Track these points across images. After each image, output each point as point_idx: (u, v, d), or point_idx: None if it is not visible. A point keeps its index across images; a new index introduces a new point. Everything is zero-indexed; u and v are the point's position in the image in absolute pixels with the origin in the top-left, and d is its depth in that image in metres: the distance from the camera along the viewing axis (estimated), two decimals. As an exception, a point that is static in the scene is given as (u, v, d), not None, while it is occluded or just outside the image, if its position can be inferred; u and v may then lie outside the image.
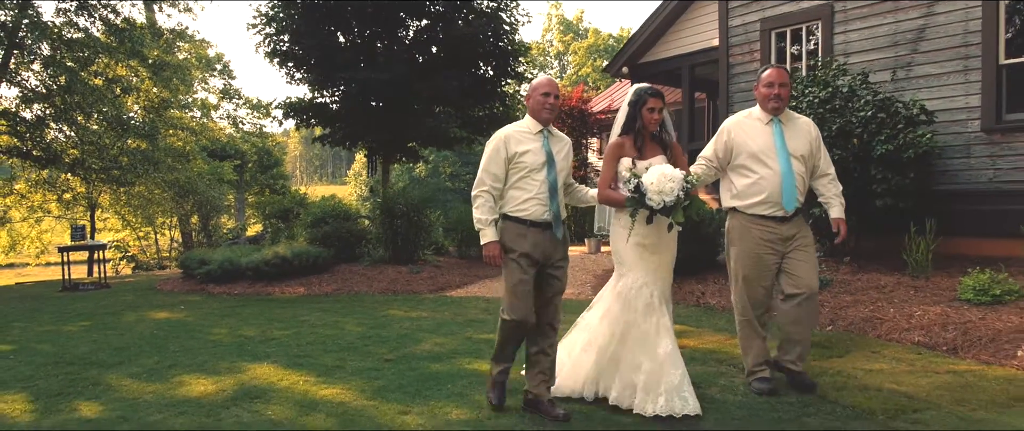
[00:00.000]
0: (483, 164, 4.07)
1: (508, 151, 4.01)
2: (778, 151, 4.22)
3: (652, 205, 3.80)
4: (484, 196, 4.01)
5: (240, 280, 9.99)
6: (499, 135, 4.10)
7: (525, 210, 4.00)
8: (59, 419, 4.27)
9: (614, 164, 4.17)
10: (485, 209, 4.00)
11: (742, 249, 4.34)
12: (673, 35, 12.42)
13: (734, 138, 4.36)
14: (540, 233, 4.01)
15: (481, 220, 4.00)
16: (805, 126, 4.40)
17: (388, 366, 5.30)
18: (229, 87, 28.54)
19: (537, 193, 4.00)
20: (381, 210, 11.11)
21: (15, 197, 18.91)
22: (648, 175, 3.84)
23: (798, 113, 4.52)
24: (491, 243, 3.98)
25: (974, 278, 5.93)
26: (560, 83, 54.27)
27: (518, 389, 4.31)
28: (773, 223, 4.26)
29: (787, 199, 4.21)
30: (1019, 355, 4.71)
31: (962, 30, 8.17)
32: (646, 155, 4.13)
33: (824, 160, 4.43)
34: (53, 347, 6.41)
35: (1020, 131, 7.77)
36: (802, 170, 4.28)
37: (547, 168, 4.02)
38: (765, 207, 4.25)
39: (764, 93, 4.31)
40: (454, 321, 7.08)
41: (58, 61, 15.05)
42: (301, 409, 4.32)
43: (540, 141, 4.07)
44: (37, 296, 10.75)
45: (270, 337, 6.53)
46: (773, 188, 4.21)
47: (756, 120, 4.37)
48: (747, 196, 4.30)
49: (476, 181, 4.05)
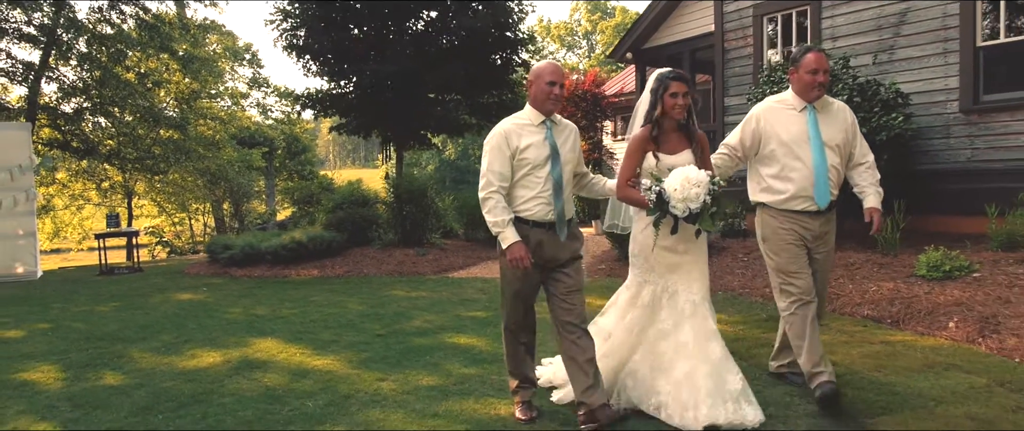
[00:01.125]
0: (486, 164, 3.74)
1: (511, 146, 3.70)
2: (812, 141, 3.88)
3: (676, 214, 3.52)
4: (495, 198, 3.69)
5: (260, 263, 10.68)
6: (498, 131, 3.78)
7: (528, 210, 3.74)
8: (86, 386, 4.92)
9: (636, 159, 3.83)
10: (499, 210, 3.67)
11: (775, 245, 4.00)
12: (674, 21, 12.73)
13: (764, 127, 4.01)
14: (544, 234, 3.75)
15: (497, 223, 3.67)
16: (841, 112, 4.05)
17: (378, 340, 5.87)
18: (258, 76, 29.41)
19: (540, 191, 3.72)
20: (393, 195, 11.72)
21: (57, 186, 19.96)
22: (670, 180, 3.53)
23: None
24: (514, 244, 3.63)
25: (928, 255, 6.29)
26: (587, 63, 54.33)
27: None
28: (806, 218, 3.94)
29: (820, 193, 3.88)
30: (950, 326, 5.09)
31: (941, 13, 8.41)
32: (671, 149, 3.78)
33: (860, 147, 4.09)
34: (86, 325, 7.13)
35: (996, 111, 8.02)
36: (837, 161, 3.94)
37: (551, 163, 3.73)
38: (797, 202, 3.92)
39: (808, 80, 3.91)
40: (449, 300, 7.63)
41: (93, 57, 15.91)
42: (293, 377, 4.91)
43: (543, 133, 3.76)
44: (76, 280, 11.58)
45: (279, 315, 7.15)
46: (805, 181, 3.88)
47: (789, 107, 4.01)
48: (777, 191, 3.97)
49: (483, 183, 3.74)
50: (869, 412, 3.72)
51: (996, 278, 5.82)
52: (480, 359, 5.16)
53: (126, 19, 16.39)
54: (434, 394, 4.40)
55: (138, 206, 22.30)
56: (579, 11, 65.42)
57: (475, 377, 4.71)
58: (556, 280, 3.82)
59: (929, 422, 3.55)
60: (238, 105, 26.86)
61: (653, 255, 3.79)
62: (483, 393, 4.37)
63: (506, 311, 3.95)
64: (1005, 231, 6.82)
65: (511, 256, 3.65)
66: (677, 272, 3.80)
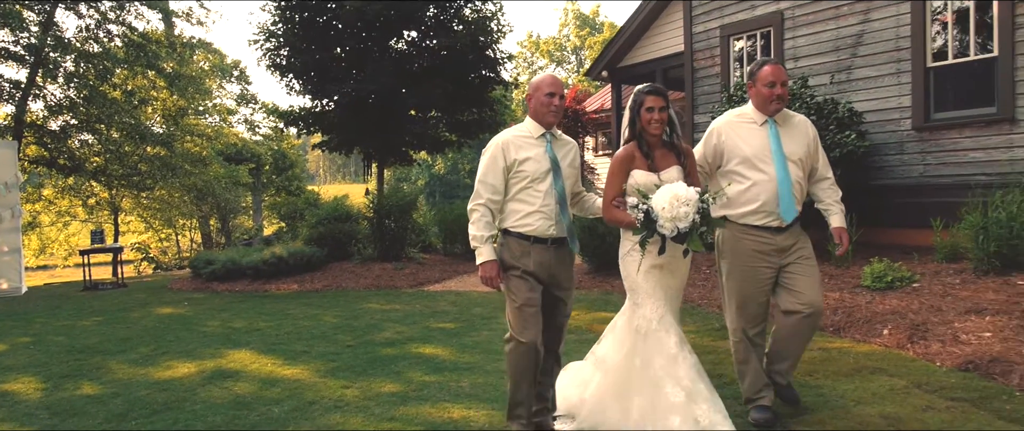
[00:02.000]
0: (479, 174, 3.67)
1: (507, 159, 3.63)
2: (774, 155, 3.79)
3: (664, 233, 3.36)
4: (480, 210, 3.62)
5: (241, 278, 10.92)
6: (496, 141, 3.70)
7: (528, 225, 3.63)
8: (64, 396, 5.17)
9: (620, 178, 3.67)
10: (481, 224, 3.60)
11: (735, 263, 3.91)
12: (647, 40, 13.10)
13: (724, 141, 3.91)
14: (545, 251, 3.65)
15: (476, 237, 3.59)
16: (802, 126, 3.96)
17: (347, 351, 6.13)
18: (246, 92, 29.65)
19: (541, 205, 3.62)
20: (374, 211, 12.00)
21: (43, 203, 20.11)
22: (658, 198, 3.38)
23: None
24: (487, 262, 3.58)
25: (872, 267, 6.61)
26: (576, 78, 54.82)
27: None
28: (768, 234, 3.83)
29: (784, 208, 3.78)
30: (884, 333, 5.40)
31: (894, 36, 8.79)
32: (658, 166, 3.64)
33: (822, 163, 4.02)
34: (67, 338, 7.36)
35: (946, 129, 8.39)
36: (800, 175, 3.86)
37: (552, 177, 3.64)
38: (759, 216, 3.82)
39: (765, 94, 3.83)
40: (421, 312, 7.90)
41: (80, 75, 16.15)
42: (263, 385, 5.17)
43: (543, 146, 3.67)
44: (60, 295, 11.77)
45: (255, 328, 7.40)
46: (768, 196, 3.78)
47: (749, 121, 3.92)
48: (739, 205, 3.85)
49: (473, 194, 3.67)
50: (792, 413, 4.01)
51: (933, 288, 6.14)
52: (442, 367, 5.43)
53: (113, 38, 16.66)
54: (394, 400, 4.66)
55: (125, 222, 22.45)
56: (568, 26, 66.05)
57: (435, 384, 4.97)
58: (555, 307, 3.76)
59: (845, 421, 3.84)
60: (226, 121, 27.08)
61: (651, 279, 3.62)
62: (440, 399, 4.64)
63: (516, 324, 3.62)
64: (949, 243, 7.15)
65: (482, 273, 3.60)
66: (667, 291, 3.65)
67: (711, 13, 11.03)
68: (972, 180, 8.01)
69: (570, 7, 70.46)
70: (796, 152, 3.85)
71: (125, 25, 16.71)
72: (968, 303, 5.58)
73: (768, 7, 10.19)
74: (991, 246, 6.31)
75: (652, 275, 3.62)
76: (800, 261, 3.85)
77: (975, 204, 6.78)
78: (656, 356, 3.55)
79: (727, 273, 3.98)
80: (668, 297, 3.65)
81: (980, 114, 8.11)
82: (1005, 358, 4.47)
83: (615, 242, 3.76)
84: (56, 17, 15.96)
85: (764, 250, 3.84)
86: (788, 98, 3.94)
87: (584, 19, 65.00)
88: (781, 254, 3.84)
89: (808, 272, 3.84)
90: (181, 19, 18.98)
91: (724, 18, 10.85)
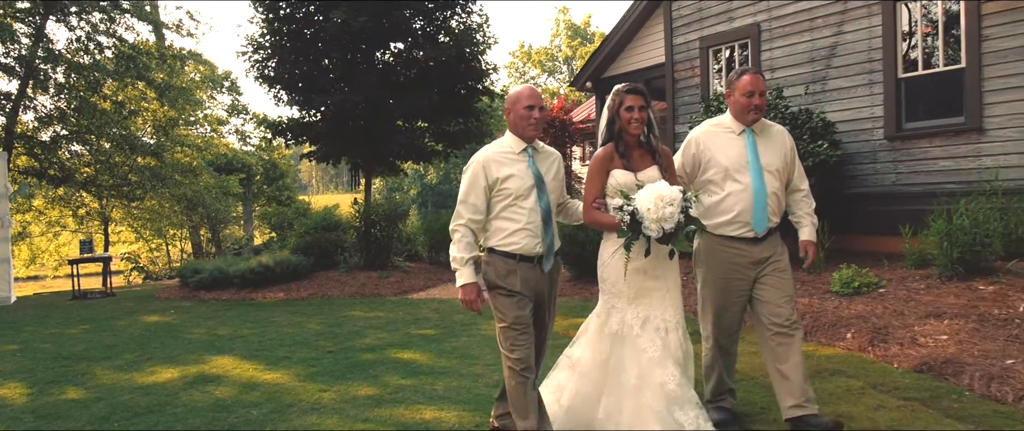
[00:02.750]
0: (461, 194, 3.58)
1: (489, 177, 3.52)
2: (751, 165, 3.75)
3: (650, 234, 3.29)
4: (462, 231, 3.54)
5: (228, 287, 11.04)
6: (477, 160, 3.59)
7: (514, 243, 3.53)
8: (49, 401, 5.29)
9: (600, 179, 3.63)
10: (462, 246, 3.52)
11: (710, 274, 3.88)
12: (630, 52, 13.32)
13: (702, 150, 3.87)
14: (530, 269, 3.57)
15: (457, 259, 3.52)
16: (779, 136, 3.94)
17: (328, 356, 6.27)
18: (237, 103, 29.78)
19: (527, 223, 3.52)
20: (361, 221, 12.15)
21: (33, 213, 20.18)
22: (641, 199, 3.31)
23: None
24: (467, 285, 3.48)
25: (841, 273, 6.79)
26: (568, 88, 55.07)
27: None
28: (744, 245, 3.79)
29: (758, 219, 3.75)
30: (848, 337, 5.57)
31: (867, 47, 9.01)
32: (635, 167, 3.61)
33: (798, 173, 4.00)
34: (54, 346, 7.47)
35: (917, 138, 8.60)
36: (777, 186, 3.81)
37: (536, 193, 3.54)
38: (734, 227, 3.78)
39: (743, 103, 3.79)
40: (403, 319, 8.04)
41: (71, 85, 16.28)
42: (243, 389, 5.31)
43: (525, 161, 3.57)
44: (49, 304, 11.86)
45: (239, 335, 7.53)
46: (744, 206, 3.74)
47: (727, 130, 3.88)
48: (714, 215, 3.80)
49: (455, 214, 3.60)
50: (749, 412, 4.17)
51: (897, 293, 6.32)
52: (419, 372, 5.58)
53: (103, 50, 16.80)
54: (369, 402, 4.81)
55: (115, 232, 22.54)
56: (560, 37, 66.44)
57: (410, 387, 5.12)
58: (538, 324, 3.68)
59: (799, 419, 4.00)
60: (216, 132, 27.21)
61: (634, 283, 3.55)
62: (414, 401, 4.78)
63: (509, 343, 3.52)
64: (918, 250, 7.34)
65: (463, 296, 3.50)
66: (650, 297, 3.58)
67: (691, 25, 11.25)
68: (942, 188, 8.21)
69: (562, 17, 70.98)
70: (773, 162, 3.81)
71: (115, 37, 16.85)
72: (929, 307, 5.75)
73: (745, 19, 10.41)
74: (955, 252, 6.49)
75: (635, 278, 3.54)
76: (774, 273, 3.80)
77: (941, 212, 6.97)
78: (632, 362, 3.50)
79: (703, 282, 3.95)
80: (658, 300, 3.57)
81: (949, 124, 8.32)
82: (958, 359, 4.64)
83: (596, 249, 3.76)
84: (47, 29, 16.09)
85: (740, 262, 3.80)
86: (766, 108, 3.90)
87: (575, 29, 65.39)
88: (757, 266, 3.80)
89: (780, 284, 3.79)
90: (171, 31, 19.11)
91: (703, 30, 11.06)
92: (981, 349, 4.72)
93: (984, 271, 6.48)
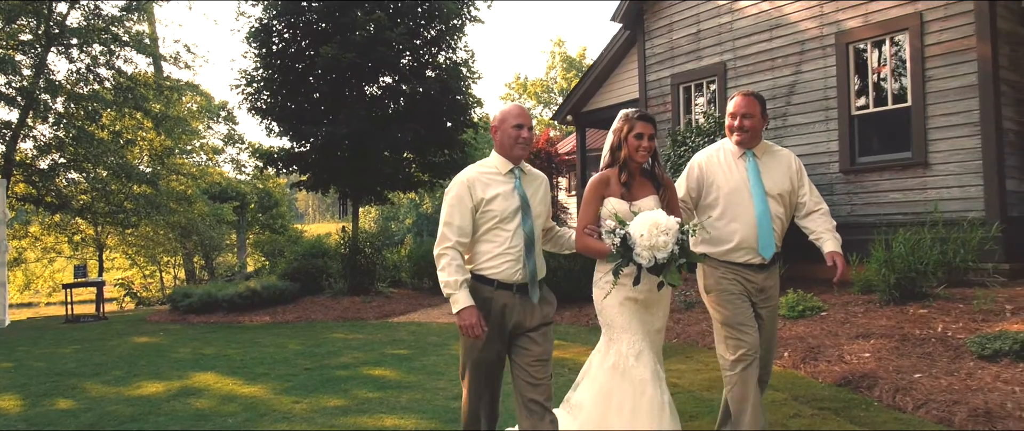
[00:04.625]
0: (445, 216, 3.38)
1: (474, 198, 3.35)
2: (753, 189, 3.68)
3: (641, 262, 3.20)
4: (450, 254, 3.31)
5: (217, 310, 11.45)
6: (461, 180, 3.42)
7: (493, 268, 3.36)
8: (41, 411, 5.69)
9: (594, 205, 3.53)
10: (453, 269, 3.28)
11: (720, 296, 3.73)
12: (607, 88, 13.91)
13: (705, 173, 3.82)
14: (511, 297, 3.37)
15: (449, 283, 3.27)
16: (785, 159, 3.86)
17: (304, 373, 6.68)
18: (233, 132, 30.36)
19: (509, 247, 3.36)
20: (348, 248, 12.61)
21: (29, 239, 20.57)
22: (636, 225, 3.21)
23: (678, 156, 4.03)
24: (465, 309, 3.24)
25: (787, 297, 7.24)
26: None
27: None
28: (749, 271, 3.72)
29: (763, 244, 3.67)
30: (785, 355, 6.01)
31: (823, 86, 9.57)
32: (635, 195, 3.52)
33: (811, 195, 3.88)
34: (46, 364, 7.87)
35: (869, 172, 9.11)
36: (780, 211, 3.74)
37: (521, 216, 3.38)
38: (740, 254, 3.70)
39: (727, 123, 3.82)
40: (380, 341, 8.45)
41: (70, 115, 16.81)
42: (222, 401, 5.72)
43: (511, 183, 3.42)
44: (43, 327, 12.24)
45: (223, 354, 7.93)
46: (748, 232, 3.66)
47: (728, 154, 3.82)
48: (719, 242, 3.73)
49: (438, 237, 3.37)
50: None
51: (837, 316, 6.77)
52: (387, 386, 5.99)
53: (103, 81, 17.35)
54: (337, 412, 5.22)
55: (109, 258, 22.90)
56: (555, 69, 67.45)
57: (377, 400, 5.53)
58: (521, 348, 3.40)
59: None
60: (212, 161, 27.73)
61: (615, 308, 3.49)
62: (378, 411, 5.20)
63: (467, 381, 3.47)
64: (865, 277, 7.80)
65: (462, 322, 3.26)
66: (644, 327, 3.50)
67: (663, 63, 11.83)
68: (892, 219, 8.71)
69: (557, 50, 72.10)
70: (777, 186, 3.73)
71: (114, 69, 17.41)
72: (861, 329, 6.20)
73: (713, 58, 10.99)
74: (892, 278, 6.96)
75: (627, 308, 3.46)
76: (766, 310, 3.79)
77: (882, 241, 7.45)
78: (636, 398, 3.39)
79: (716, 305, 3.77)
80: (649, 332, 3.49)
81: (898, 158, 8.85)
82: (874, 374, 5.08)
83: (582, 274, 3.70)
84: (48, 61, 16.65)
85: (746, 290, 3.73)
86: (754, 129, 3.75)
87: (570, 61, 66.37)
88: (758, 295, 3.75)
89: (769, 326, 3.81)
90: (169, 63, 19.70)
91: (674, 68, 11.64)
92: (895, 365, 5.17)
93: (919, 296, 6.94)
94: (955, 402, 4.30)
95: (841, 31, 9.34)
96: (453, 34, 14.11)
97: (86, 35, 16.31)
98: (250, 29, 13.28)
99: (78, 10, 16.80)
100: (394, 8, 13.16)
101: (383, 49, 12.69)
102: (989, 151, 8.03)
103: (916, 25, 8.58)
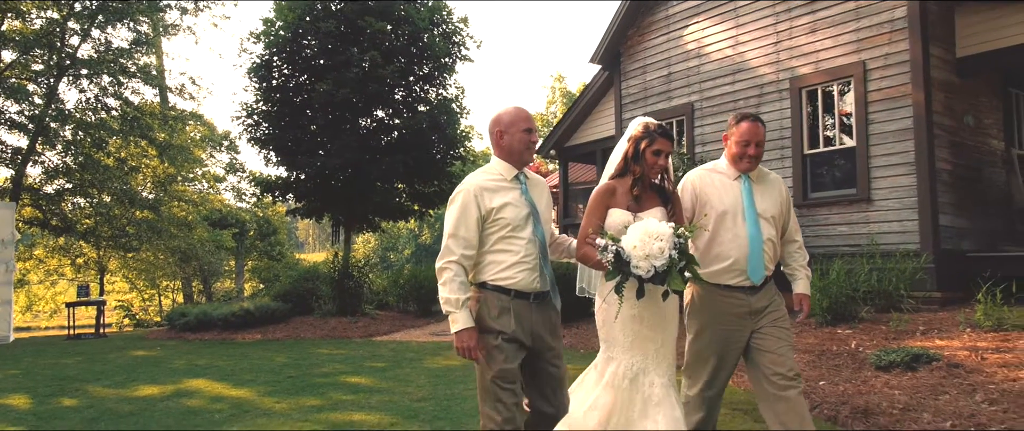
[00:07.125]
0: (450, 227, 3.20)
1: (482, 207, 3.19)
2: (747, 211, 3.65)
3: (640, 274, 3.06)
4: (453, 269, 3.14)
5: (212, 328, 12.10)
6: (466, 188, 3.23)
7: (510, 278, 3.20)
8: (48, 407, 6.34)
9: (598, 214, 3.41)
10: (455, 286, 3.12)
11: (705, 324, 3.67)
12: (587, 125, 14.73)
13: (699, 192, 3.75)
14: (527, 307, 3.22)
15: (450, 301, 3.11)
16: (776, 184, 3.87)
17: (288, 380, 7.33)
18: (234, 161, 31.22)
19: (525, 256, 3.21)
20: (339, 273, 13.31)
21: (33, 261, 21.26)
22: (628, 238, 3.08)
23: None
24: (465, 330, 3.10)
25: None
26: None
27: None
28: (741, 294, 3.63)
29: (754, 267, 3.61)
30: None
31: (779, 127, 10.33)
32: (644, 206, 3.41)
33: (792, 225, 3.91)
34: (51, 371, 8.52)
35: (820, 206, 9.83)
36: (772, 233, 3.69)
37: (532, 223, 3.24)
38: (732, 276, 3.62)
39: (736, 152, 3.71)
40: (362, 356, 9.09)
41: (78, 142, 17.60)
42: (211, 401, 6.37)
43: (519, 189, 3.29)
44: (45, 343, 12.88)
45: (214, 365, 8.58)
46: (739, 254, 3.60)
47: (722, 175, 3.78)
48: (710, 263, 3.64)
49: (442, 249, 3.20)
50: None
51: (773, 335, 7.42)
52: (361, 390, 6.64)
53: (110, 110, 18.18)
54: (312, 410, 5.87)
55: (110, 282, 23.56)
56: (555, 104, 68.57)
57: (349, 400, 6.19)
58: (543, 373, 3.30)
59: (644, 422, 5.08)
60: (214, 188, 28.52)
61: (617, 326, 3.36)
62: (349, 409, 5.85)
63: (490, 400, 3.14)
64: (812, 302, 8.46)
65: (460, 344, 3.11)
66: (645, 346, 3.38)
67: (637, 103, 12.62)
68: (839, 249, 9.40)
69: (557, 86, 73.19)
70: (769, 209, 3.72)
71: (122, 99, 18.25)
72: (791, 346, 6.85)
73: (682, 99, 11.79)
74: (826, 302, 7.63)
75: (630, 326, 3.35)
76: (774, 324, 3.65)
77: (821, 270, 8.13)
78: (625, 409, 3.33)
79: (697, 335, 3.71)
80: (653, 352, 3.37)
81: (844, 194, 9.57)
82: (789, 383, 5.73)
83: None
84: (58, 90, 17.48)
85: (738, 313, 3.63)
86: (762, 157, 3.79)
87: (570, 96, 67.35)
88: (755, 316, 3.64)
89: (782, 335, 3.64)
90: (174, 94, 20.57)
91: (647, 107, 12.43)
92: (808, 375, 5.82)
93: (848, 318, 7.61)
94: (843, 403, 4.96)
95: (795, 77, 10.13)
96: (444, 72, 14.97)
97: (96, 66, 17.14)
98: (252, 64, 14.13)
99: (89, 43, 17.69)
100: (389, 45, 14.01)
101: (376, 85, 13.50)
102: (924, 189, 8.75)
103: (860, 73, 9.37)
